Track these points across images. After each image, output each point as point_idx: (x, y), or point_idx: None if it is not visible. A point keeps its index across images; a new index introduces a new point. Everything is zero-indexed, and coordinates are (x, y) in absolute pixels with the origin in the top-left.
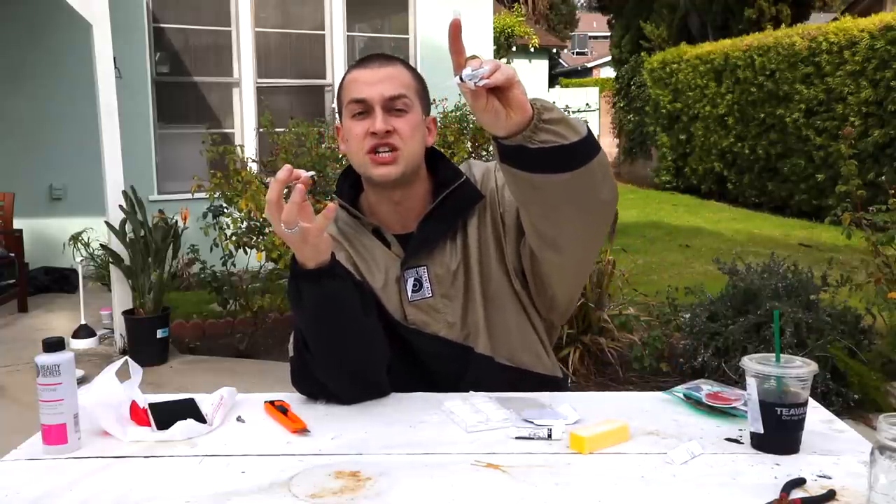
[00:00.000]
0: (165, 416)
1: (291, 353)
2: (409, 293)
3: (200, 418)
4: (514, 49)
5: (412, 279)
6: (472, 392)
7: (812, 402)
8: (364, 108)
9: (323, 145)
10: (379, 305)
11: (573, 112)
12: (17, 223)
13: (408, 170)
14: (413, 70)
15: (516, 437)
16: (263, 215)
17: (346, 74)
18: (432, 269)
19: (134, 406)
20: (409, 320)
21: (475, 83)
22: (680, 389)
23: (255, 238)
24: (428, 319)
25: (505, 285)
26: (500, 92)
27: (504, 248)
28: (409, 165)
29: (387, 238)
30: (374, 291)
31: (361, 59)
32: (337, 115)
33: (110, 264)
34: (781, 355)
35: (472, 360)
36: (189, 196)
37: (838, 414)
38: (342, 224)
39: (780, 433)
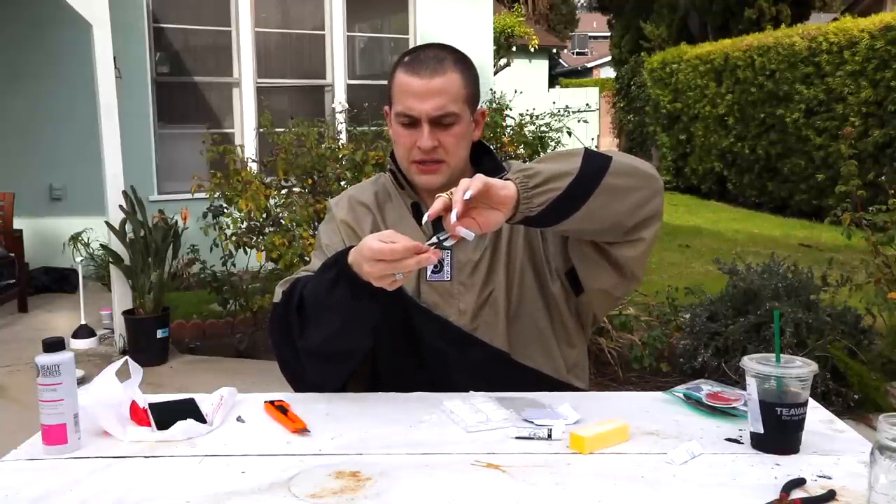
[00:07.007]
0: (165, 416)
1: (278, 300)
2: (428, 272)
3: (200, 418)
4: (513, 49)
5: None
6: (472, 392)
7: (812, 402)
8: (411, 121)
9: (323, 145)
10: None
11: (574, 112)
12: (17, 223)
13: (453, 177)
14: (465, 70)
15: (516, 437)
16: (263, 215)
17: (397, 71)
18: (456, 254)
19: (134, 406)
20: (421, 298)
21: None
22: (680, 389)
23: (255, 238)
24: (440, 302)
25: (534, 287)
26: (482, 202)
27: (544, 249)
28: (454, 173)
29: (422, 214)
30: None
31: (412, 58)
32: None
33: (110, 264)
34: (781, 355)
35: (478, 352)
36: (189, 196)
37: (838, 414)
38: (381, 191)
39: (780, 433)
